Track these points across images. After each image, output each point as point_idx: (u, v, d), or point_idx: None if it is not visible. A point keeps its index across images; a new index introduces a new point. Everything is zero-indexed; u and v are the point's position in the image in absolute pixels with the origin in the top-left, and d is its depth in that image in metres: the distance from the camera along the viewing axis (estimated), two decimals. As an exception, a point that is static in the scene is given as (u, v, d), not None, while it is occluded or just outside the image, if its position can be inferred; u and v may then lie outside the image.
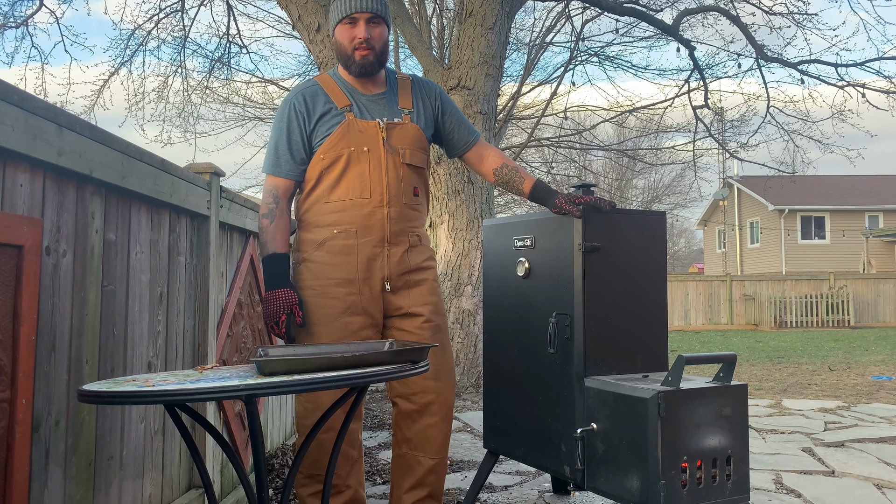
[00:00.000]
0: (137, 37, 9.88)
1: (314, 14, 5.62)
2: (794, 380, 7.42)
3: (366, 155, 2.23)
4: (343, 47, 2.25)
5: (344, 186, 2.24)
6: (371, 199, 2.24)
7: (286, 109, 2.28)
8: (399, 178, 2.27)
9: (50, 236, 1.55)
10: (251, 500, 1.61)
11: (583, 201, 2.34)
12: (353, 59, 2.24)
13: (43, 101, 1.50)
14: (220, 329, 2.62)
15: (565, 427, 2.42)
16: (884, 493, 3.17)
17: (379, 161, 2.24)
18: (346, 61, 2.27)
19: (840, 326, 17.46)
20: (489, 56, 5.83)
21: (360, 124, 2.25)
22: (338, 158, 2.24)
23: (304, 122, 2.26)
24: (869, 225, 25.26)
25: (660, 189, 32.39)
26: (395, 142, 2.28)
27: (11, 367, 1.39)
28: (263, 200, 2.28)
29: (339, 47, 2.27)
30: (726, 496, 2.15)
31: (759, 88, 15.42)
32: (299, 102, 2.27)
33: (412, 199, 2.32)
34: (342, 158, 2.23)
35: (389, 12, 2.33)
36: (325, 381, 1.47)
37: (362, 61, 2.24)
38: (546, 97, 13.97)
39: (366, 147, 2.24)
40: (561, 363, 2.45)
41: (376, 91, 2.33)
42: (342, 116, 2.25)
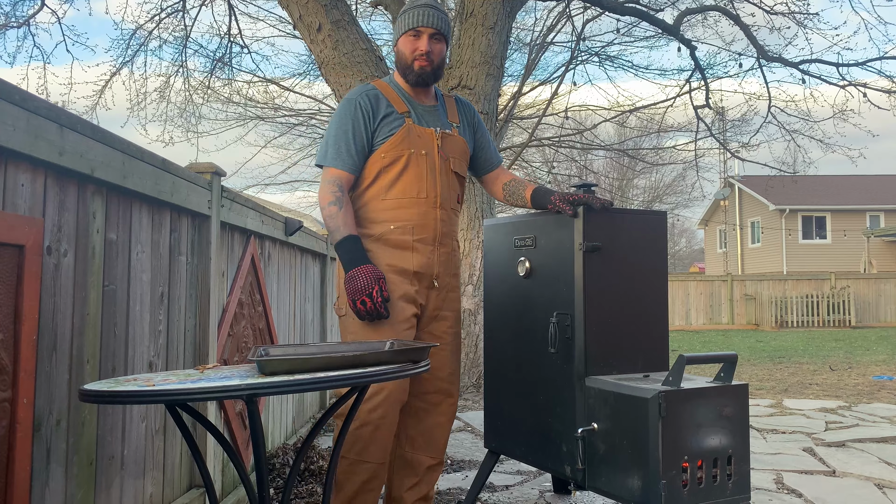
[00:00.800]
0: (139, 37, 9.89)
1: (315, 14, 5.62)
2: (795, 380, 7.42)
3: (423, 158, 2.37)
4: (405, 56, 2.39)
5: (401, 186, 2.34)
6: (427, 200, 2.36)
7: (351, 107, 2.34)
8: (449, 183, 2.43)
9: (51, 236, 1.55)
10: (252, 499, 1.62)
11: (576, 199, 2.38)
12: (413, 68, 2.38)
13: (44, 100, 1.50)
14: (221, 329, 2.62)
15: (566, 427, 2.42)
16: (885, 492, 3.17)
17: (434, 165, 2.38)
18: (405, 70, 2.40)
19: (841, 326, 17.45)
20: (490, 56, 5.82)
21: (418, 130, 2.38)
22: (398, 158, 2.34)
23: (369, 121, 2.34)
24: (870, 225, 25.24)
25: (661, 189, 32.38)
26: (446, 150, 2.44)
27: (13, 367, 1.39)
28: (327, 189, 2.30)
29: (401, 56, 2.40)
30: (727, 496, 2.15)
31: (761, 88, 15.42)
32: (364, 102, 2.35)
33: (456, 205, 2.48)
34: (402, 159, 2.35)
35: (451, 32, 2.48)
36: (325, 381, 1.47)
37: (420, 71, 2.38)
38: (547, 97, 13.96)
39: (424, 151, 2.38)
40: (562, 363, 2.45)
41: (429, 103, 2.48)
42: (402, 120, 2.37)
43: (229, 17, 9.47)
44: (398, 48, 2.41)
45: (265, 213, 3.23)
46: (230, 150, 61.66)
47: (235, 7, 9.45)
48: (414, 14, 2.36)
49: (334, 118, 2.38)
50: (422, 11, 2.35)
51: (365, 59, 5.68)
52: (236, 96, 13.32)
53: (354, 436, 2.25)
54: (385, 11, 8.74)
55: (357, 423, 2.23)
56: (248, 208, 2.92)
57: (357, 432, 2.24)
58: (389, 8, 6.90)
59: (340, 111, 2.37)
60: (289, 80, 14.07)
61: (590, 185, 2.51)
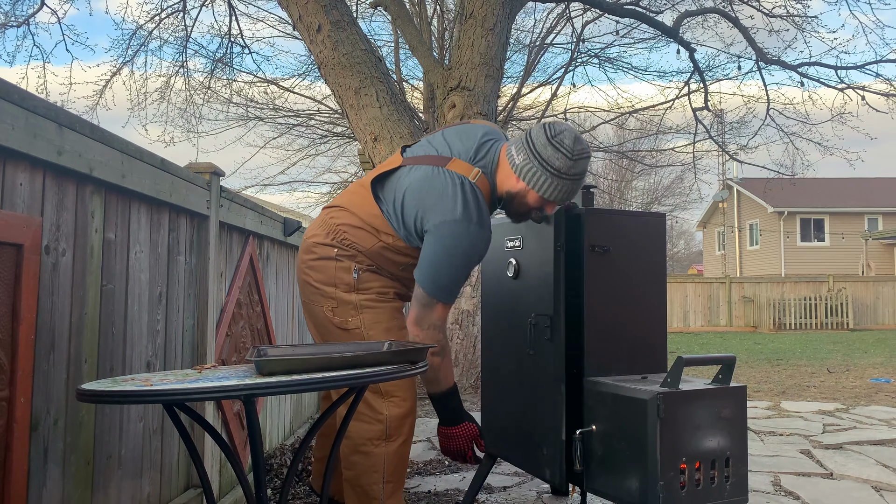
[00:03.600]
0: (139, 36, 9.89)
1: (315, 14, 5.62)
2: (793, 382, 7.42)
3: None
4: (523, 205, 2.11)
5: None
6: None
7: (482, 243, 2.03)
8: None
9: (49, 235, 1.55)
10: (249, 499, 1.61)
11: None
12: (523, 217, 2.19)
13: (43, 99, 1.50)
14: (220, 329, 2.62)
15: (545, 430, 2.42)
16: (882, 495, 3.17)
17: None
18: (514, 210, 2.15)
19: (839, 329, 17.46)
20: (489, 57, 5.83)
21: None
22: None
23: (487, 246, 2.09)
24: (868, 227, 25.27)
25: (659, 191, 32.40)
26: None
27: (10, 366, 1.39)
28: (432, 337, 2.03)
29: (520, 201, 2.10)
30: (725, 498, 2.15)
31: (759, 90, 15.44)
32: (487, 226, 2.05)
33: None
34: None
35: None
36: (324, 382, 1.47)
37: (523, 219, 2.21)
38: (546, 98, 13.99)
39: None
40: (542, 364, 2.45)
41: None
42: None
43: (229, 18, 9.50)
44: (525, 194, 2.07)
45: (264, 213, 3.23)
46: (230, 151, 61.67)
47: (236, 7, 9.45)
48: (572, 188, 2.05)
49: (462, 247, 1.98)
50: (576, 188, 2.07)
51: (364, 59, 5.68)
52: (236, 97, 13.33)
53: (400, 455, 2.12)
54: (385, 12, 8.74)
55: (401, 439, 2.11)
56: (246, 208, 2.92)
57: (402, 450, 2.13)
58: (389, 9, 6.90)
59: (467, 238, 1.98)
60: (289, 81, 14.12)
61: (588, 186, 2.51)
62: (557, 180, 2.02)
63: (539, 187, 2.03)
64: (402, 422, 2.13)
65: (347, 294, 2.14)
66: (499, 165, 2.11)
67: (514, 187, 2.07)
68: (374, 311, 2.15)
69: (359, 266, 2.15)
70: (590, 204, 2.52)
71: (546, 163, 2.01)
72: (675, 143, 27.72)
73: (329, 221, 2.21)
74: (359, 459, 2.09)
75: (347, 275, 2.14)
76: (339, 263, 2.15)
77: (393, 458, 2.11)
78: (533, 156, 2.01)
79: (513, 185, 2.07)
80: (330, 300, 2.15)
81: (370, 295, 2.17)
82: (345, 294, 2.14)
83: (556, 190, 2.03)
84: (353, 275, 2.14)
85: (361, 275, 2.16)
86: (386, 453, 2.10)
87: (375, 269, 2.19)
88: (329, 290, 2.15)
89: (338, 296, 2.14)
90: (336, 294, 2.15)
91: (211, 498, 1.69)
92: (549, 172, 2.01)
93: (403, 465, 2.14)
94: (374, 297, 2.17)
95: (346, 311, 2.14)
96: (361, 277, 2.15)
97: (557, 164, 2.00)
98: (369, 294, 2.17)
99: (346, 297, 2.14)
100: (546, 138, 2.01)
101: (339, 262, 2.15)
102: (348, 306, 2.14)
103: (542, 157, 2.01)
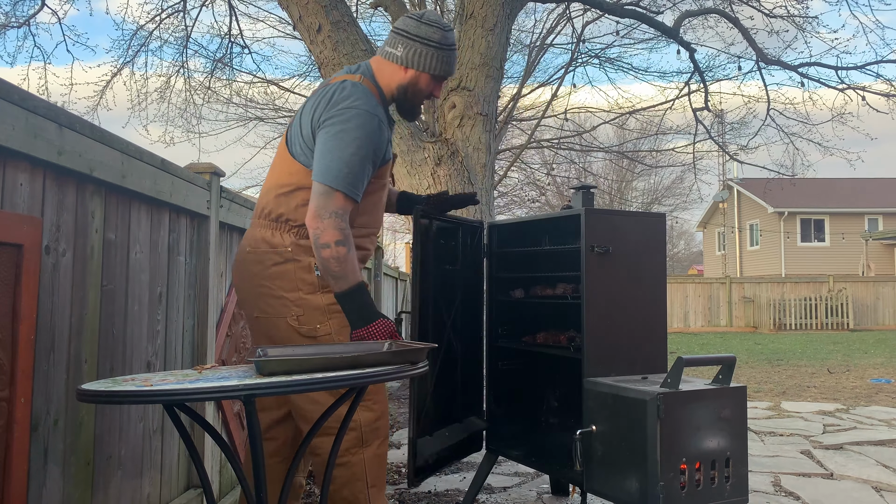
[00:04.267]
0: (140, 37, 9.89)
1: (315, 14, 5.63)
2: (793, 382, 7.42)
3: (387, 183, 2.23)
4: (418, 93, 2.16)
5: (371, 215, 2.16)
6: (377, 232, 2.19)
7: (374, 123, 2.01)
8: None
9: (50, 235, 1.55)
10: (249, 499, 1.61)
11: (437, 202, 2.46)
12: (418, 109, 2.23)
13: (43, 100, 1.50)
14: (220, 329, 2.62)
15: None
16: (882, 495, 3.17)
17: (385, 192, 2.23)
18: (408, 103, 2.18)
19: (839, 329, 17.45)
20: (490, 57, 5.83)
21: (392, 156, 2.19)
22: (382, 187, 2.16)
23: (384, 143, 2.09)
24: (868, 227, 25.27)
25: (660, 191, 32.39)
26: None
27: (10, 366, 1.39)
28: (334, 225, 1.95)
29: (414, 89, 2.14)
30: (725, 498, 2.15)
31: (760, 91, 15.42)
32: (383, 120, 2.06)
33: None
34: (382, 190, 2.17)
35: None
36: (324, 382, 1.47)
37: (418, 112, 2.23)
38: (546, 99, 13.99)
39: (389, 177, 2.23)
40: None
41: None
42: (390, 144, 2.15)
43: (230, 18, 9.49)
44: (416, 81, 2.13)
45: (264, 214, 3.23)
46: (230, 151, 61.63)
47: (236, 7, 9.46)
48: (453, 59, 2.14)
49: (354, 130, 1.99)
50: (455, 58, 2.16)
51: (365, 59, 5.68)
52: (237, 97, 13.34)
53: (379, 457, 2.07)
54: (385, 12, 8.74)
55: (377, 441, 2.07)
56: (247, 209, 2.92)
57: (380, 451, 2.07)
58: (389, 9, 6.90)
59: (361, 125, 2.00)
60: (289, 81, 14.10)
61: (589, 186, 2.51)
62: (439, 52, 2.12)
63: (427, 66, 2.12)
64: (376, 425, 2.07)
65: (313, 296, 2.04)
66: (377, 71, 2.16)
67: (405, 78, 2.13)
68: (342, 316, 2.05)
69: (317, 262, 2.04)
70: (590, 204, 2.52)
71: (426, 39, 2.11)
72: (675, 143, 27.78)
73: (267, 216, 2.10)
74: (339, 472, 2.02)
75: (309, 274, 2.04)
76: (297, 264, 2.05)
77: (373, 462, 2.06)
78: (412, 40, 2.11)
79: (402, 77, 2.13)
80: (295, 308, 2.03)
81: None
82: (310, 297, 2.04)
83: (442, 63, 2.13)
84: (315, 272, 2.04)
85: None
86: (365, 459, 2.05)
87: None
88: (293, 296, 2.04)
89: (303, 301, 2.04)
90: (301, 300, 2.04)
91: (211, 498, 1.69)
92: (431, 47, 2.11)
93: (383, 466, 2.08)
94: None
95: (314, 317, 2.04)
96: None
97: (436, 37, 2.11)
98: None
99: (312, 300, 2.04)
100: (415, 21, 2.13)
101: (297, 261, 2.05)
102: (316, 312, 2.04)
103: (421, 36, 2.11)
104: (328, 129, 2.00)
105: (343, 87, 2.05)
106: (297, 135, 2.10)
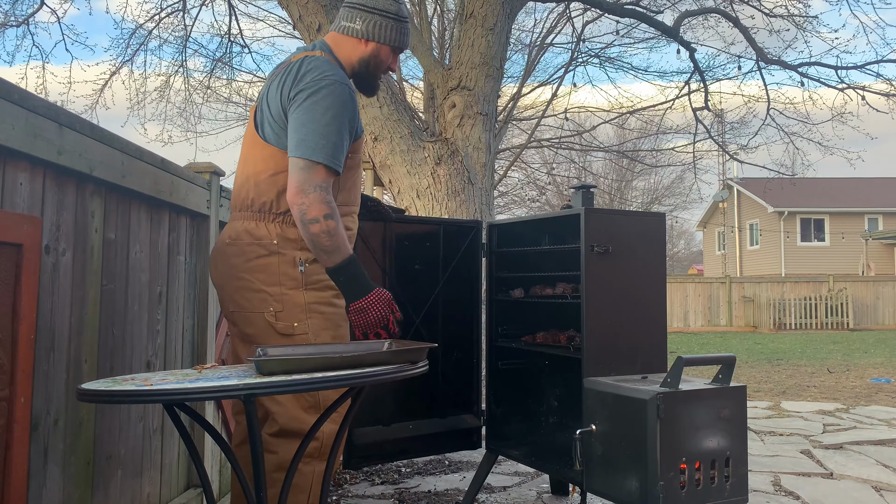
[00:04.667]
0: (139, 36, 9.89)
1: (315, 14, 5.62)
2: (793, 382, 7.42)
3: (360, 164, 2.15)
4: (379, 66, 2.17)
5: (350, 192, 2.10)
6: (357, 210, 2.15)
7: (347, 93, 1.98)
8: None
9: (49, 235, 1.55)
10: (249, 499, 1.61)
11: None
12: (377, 84, 2.22)
13: (43, 99, 1.50)
14: (220, 328, 2.62)
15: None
16: (882, 495, 3.17)
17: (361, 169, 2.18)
18: (369, 77, 2.18)
19: (839, 329, 17.46)
20: (490, 57, 5.83)
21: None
22: (358, 164, 2.10)
23: (357, 113, 2.05)
24: (868, 227, 25.27)
25: (659, 190, 32.39)
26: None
27: (10, 366, 1.39)
28: (320, 198, 1.89)
29: (375, 62, 2.15)
30: (725, 498, 2.15)
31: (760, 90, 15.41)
32: (353, 90, 2.04)
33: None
34: (360, 165, 2.11)
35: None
36: (323, 381, 1.47)
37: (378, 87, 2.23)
38: (546, 98, 13.98)
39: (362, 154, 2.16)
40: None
41: None
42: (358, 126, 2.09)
43: (229, 17, 9.49)
44: (376, 53, 2.14)
45: (264, 213, 3.23)
46: (230, 150, 61.61)
47: (235, 7, 9.45)
48: (406, 33, 2.18)
49: (327, 100, 1.95)
50: (408, 29, 2.19)
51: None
52: (236, 96, 13.33)
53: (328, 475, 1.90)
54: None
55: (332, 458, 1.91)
56: (246, 208, 2.92)
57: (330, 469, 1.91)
58: (389, 8, 6.90)
59: (335, 95, 1.96)
60: (288, 80, 14.04)
61: (588, 186, 2.51)
62: (398, 24, 2.15)
63: (387, 38, 2.14)
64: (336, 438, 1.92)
65: (295, 292, 1.96)
66: (335, 47, 2.15)
67: (366, 52, 2.14)
68: (323, 318, 1.99)
69: (304, 256, 1.98)
70: (589, 204, 2.52)
71: (384, 11, 2.13)
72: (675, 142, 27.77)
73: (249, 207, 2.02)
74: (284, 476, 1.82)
75: (293, 269, 1.96)
76: (282, 257, 1.96)
77: (321, 479, 1.93)
78: (370, 13, 2.12)
79: (363, 51, 2.14)
80: (274, 303, 1.95)
81: (321, 293, 2.00)
82: (292, 293, 1.96)
83: (400, 34, 2.16)
84: (300, 268, 1.97)
85: (308, 267, 1.98)
86: (315, 472, 1.94)
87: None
88: (274, 290, 1.95)
89: (283, 297, 1.95)
90: (282, 295, 1.95)
91: (211, 498, 1.69)
92: (390, 19, 2.13)
93: (327, 485, 1.88)
94: (327, 300, 2.01)
95: (293, 314, 1.96)
96: (308, 270, 1.98)
97: (393, 9, 2.14)
98: (320, 291, 1.99)
99: (293, 296, 1.96)
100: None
101: (281, 255, 1.96)
102: (296, 309, 1.96)
103: (378, 8, 2.13)
104: (300, 103, 1.95)
105: (308, 61, 2.01)
106: (265, 117, 2.04)
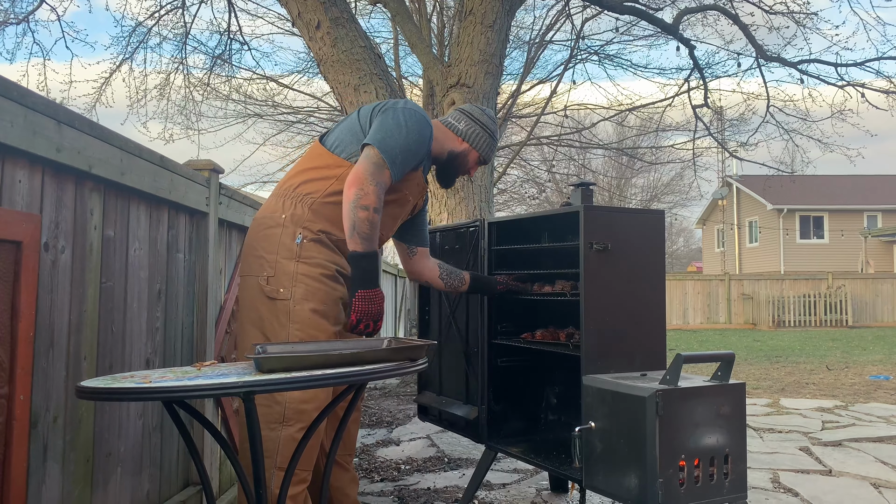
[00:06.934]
0: (139, 33, 9.87)
1: (314, 11, 5.61)
2: (792, 379, 7.43)
3: (408, 205, 2.39)
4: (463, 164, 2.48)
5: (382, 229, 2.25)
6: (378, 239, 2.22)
7: (428, 131, 2.28)
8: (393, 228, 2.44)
9: (48, 232, 1.55)
10: (249, 497, 1.62)
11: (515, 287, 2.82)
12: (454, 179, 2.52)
13: (42, 97, 1.50)
14: (219, 326, 2.62)
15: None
16: (881, 492, 3.18)
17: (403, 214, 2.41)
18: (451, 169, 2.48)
19: (838, 326, 17.47)
20: (489, 54, 5.82)
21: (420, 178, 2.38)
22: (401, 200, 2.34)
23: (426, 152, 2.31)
24: (867, 225, 25.28)
25: (659, 188, 32.39)
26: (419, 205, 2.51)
27: (10, 364, 1.39)
28: (376, 194, 2.07)
29: (462, 160, 2.47)
30: (724, 495, 2.15)
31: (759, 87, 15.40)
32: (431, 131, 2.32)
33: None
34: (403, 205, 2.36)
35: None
36: (323, 379, 1.48)
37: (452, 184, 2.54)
38: (546, 95, 13.98)
39: (411, 198, 2.38)
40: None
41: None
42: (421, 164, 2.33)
43: (229, 14, 9.46)
44: (467, 154, 2.46)
45: (263, 211, 3.23)
46: (229, 148, 61.62)
47: (235, 4, 9.44)
48: (494, 150, 2.53)
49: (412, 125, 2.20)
50: (495, 148, 2.54)
51: (364, 56, 5.67)
52: (236, 94, 13.31)
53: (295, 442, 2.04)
54: (384, 9, 8.73)
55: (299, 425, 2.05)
56: (245, 205, 2.92)
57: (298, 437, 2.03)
58: (388, 6, 6.89)
59: (421, 126, 2.23)
60: (288, 78, 14.06)
61: (588, 183, 2.51)
62: (492, 141, 2.51)
63: (479, 146, 2.48)
64: (302, 407, 2.03)
65: (287, 262, 2.11)
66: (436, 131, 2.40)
67: (458, 148, 2.46)
68: (309, 288, 2.11)
69: (304, 234, 2.14)
70: (589, 201, 2.52)
71: (486, 127, 2.49)
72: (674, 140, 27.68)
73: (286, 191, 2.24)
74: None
75: (290, 241, 2.13)
76: (285, 230, 2.15)
77: (287, 444, 2.01)
78: (475, 122, 2.48)
79: (456, 146, 2.46)
80: (268, 268, 2.12)
81: (311, 268, 2.13)
82: (285, 261, 2.11)
83: (490, 148, 2.51)
84: (297, 240, 2.13)
85: (305, 243, 2.14)
86: (280, 437, 2.02)
87: (320, 241, 2.16)
88: (270, 256, 2.13)
89: (277, 264, 2.12)
90: (276, 262, 2.12)
91: (210, 495, 1.69)
92: (487, 133, 2.48)
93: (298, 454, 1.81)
94: (315, 275, 2.13)
95: (281, 280, 2.11)
96: (304, 245, 2.14)
97: (492, 127, 2.51)
98: (311, 266, 2.13)
99: (285, 265, 2.11)
100: (479, 110, 2.52)
101: (285, 228, 2.15)
102: (284, 277, 2.11)
103: (483, 122, 2.49)
104: (387, 115, 2.21)
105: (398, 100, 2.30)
106: (337, 133, 2.30)
